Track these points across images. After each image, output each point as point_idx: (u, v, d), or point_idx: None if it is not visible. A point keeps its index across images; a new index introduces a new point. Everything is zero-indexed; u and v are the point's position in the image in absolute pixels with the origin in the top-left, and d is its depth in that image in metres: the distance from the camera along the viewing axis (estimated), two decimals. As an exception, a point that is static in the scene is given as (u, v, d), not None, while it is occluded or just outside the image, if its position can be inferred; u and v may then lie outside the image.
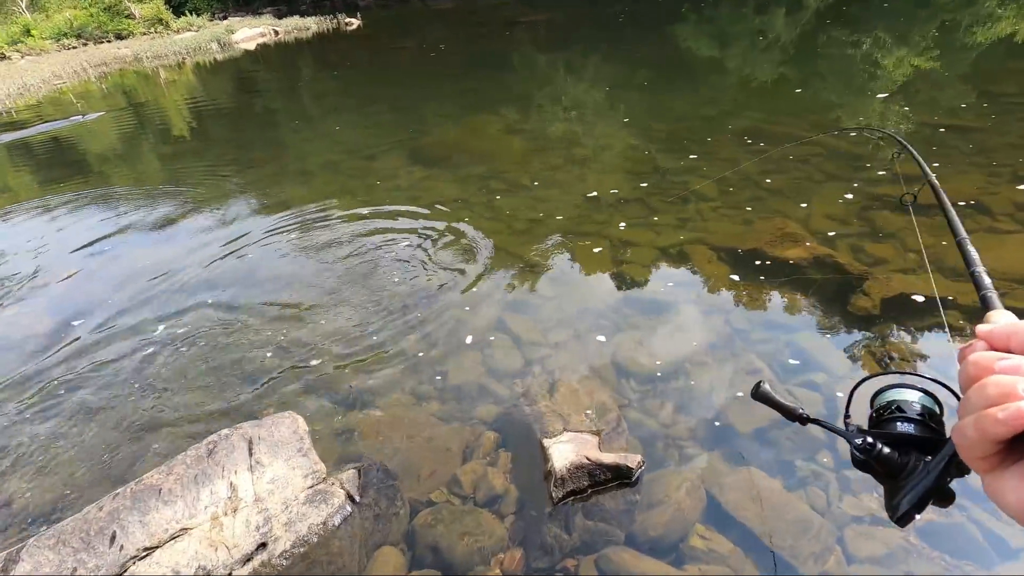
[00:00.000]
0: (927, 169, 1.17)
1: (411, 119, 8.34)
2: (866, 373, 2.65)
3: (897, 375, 0.65)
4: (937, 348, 2.75)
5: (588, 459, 2.02)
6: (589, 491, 2.06)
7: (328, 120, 9.34)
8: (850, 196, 4.10)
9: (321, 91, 12.21)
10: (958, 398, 0.52)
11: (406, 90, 10.43)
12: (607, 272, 3.76)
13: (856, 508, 2.08)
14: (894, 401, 0.61)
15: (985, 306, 0.65)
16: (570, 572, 1.93)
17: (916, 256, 3.35)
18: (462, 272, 3.89)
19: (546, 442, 2.21)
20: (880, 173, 4.36)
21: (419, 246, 4.34)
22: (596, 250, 4.00)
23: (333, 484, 2.04)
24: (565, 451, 2.08)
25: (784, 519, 2.04)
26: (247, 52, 20.34)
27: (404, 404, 2.82)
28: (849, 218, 3.84)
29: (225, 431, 2.07)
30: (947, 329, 2.83)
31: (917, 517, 0.54)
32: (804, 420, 0.67)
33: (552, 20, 17.41)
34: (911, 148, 1.38)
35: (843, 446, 2.31)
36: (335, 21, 22.88)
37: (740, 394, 2.60)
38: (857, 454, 0.58)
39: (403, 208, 5.05)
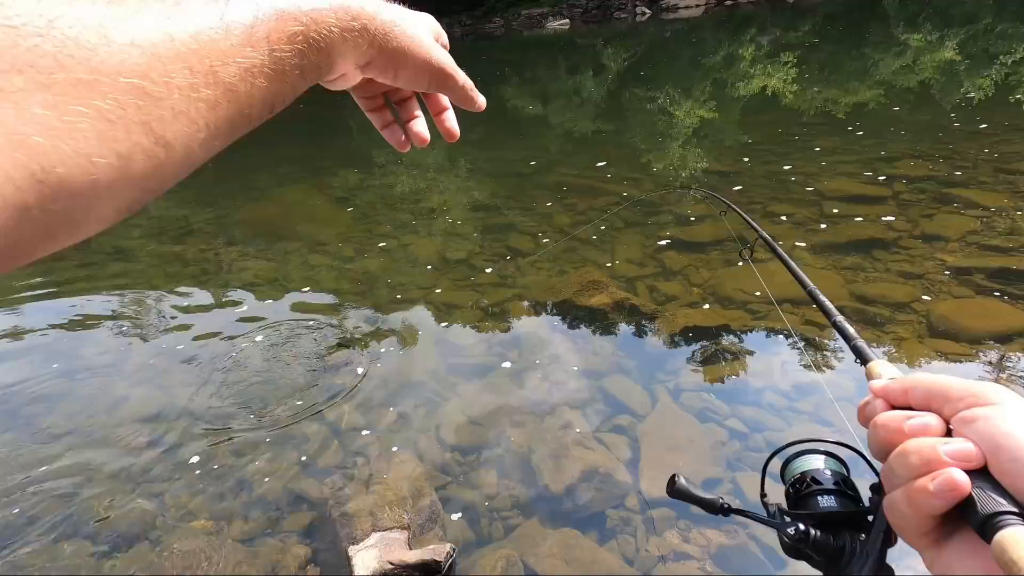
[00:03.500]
0: (757, 226, 1.24)
1: (229, 192, 7.81)
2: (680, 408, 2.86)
3: (799, 444, 0.60)
4: (726, 372, 3.07)
5: (391, 563, 1.89)
6: (397, 598, 1.92)
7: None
8: (645, 240, 4.55)
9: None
10: (862, 456, 0.49)
11: (221, 160, 9.79)
12: (432, 339, 3.72)
13: (661, 547, 2.18)
14: (807, 472, 0.56)
15: (861, 357, 0.62)
16: None
17: (700, 291, 3.77)
18: (274, 362, 3.60)
19: (351, 550, 2.03)
20: (667, 217, 4.92)
21: (228, 342, 3.95)
22: (421, 317, 3.95)
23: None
24: (368, 559, 1.93)
25: (596, 577, 2.07)
26: None
27: (199, 533, 2.45)
28: (645, 261, 4.25)
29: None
30: (731, 356, 3.19)
31: None
32: (727, 512, 0.59)
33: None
34: (736, 208, 1.49)
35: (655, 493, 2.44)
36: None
37: (557, 452, 2.66)
38: (790, 544, 0.53)
39: (206, 294, 4.61)
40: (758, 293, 3.55)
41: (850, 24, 17.07)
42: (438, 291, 4.24)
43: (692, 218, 4.77)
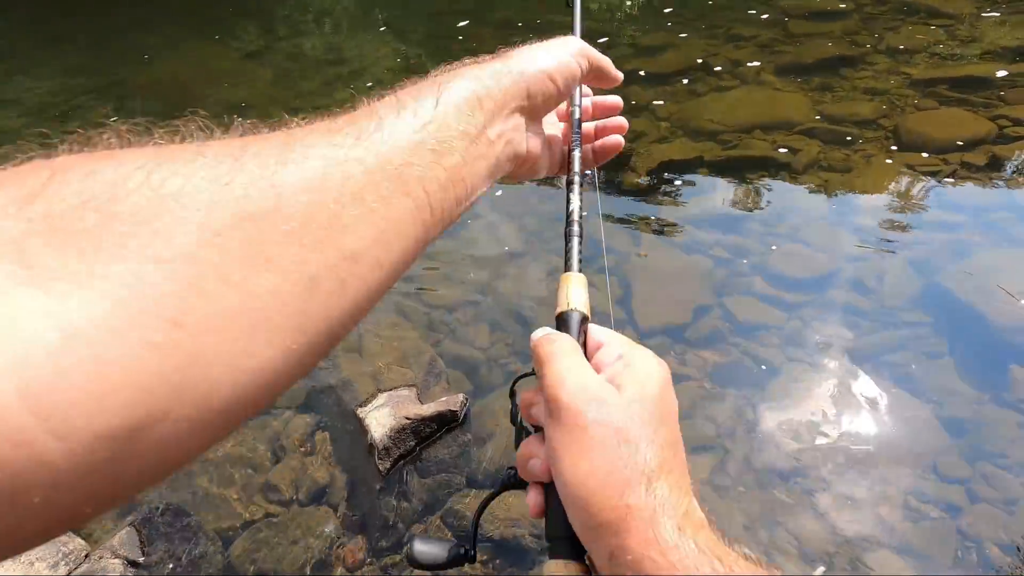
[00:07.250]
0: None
1: (114, 57, 6.59)
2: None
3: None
4: (704, 203, 3.04)
5: (408, 418, 1.86)
6: (418, 449, 1.93)
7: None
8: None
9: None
10: None
11: (98, 20, 8.15)
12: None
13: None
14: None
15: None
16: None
17: (668, 124, 3.61)
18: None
19: (361, 412, 1.99)
20: (626, 49, 4.56)
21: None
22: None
23: (101, 558, 1.61)
24: (382, 416, 1.90)
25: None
26: None
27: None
28: (608, 98, 3.98)
29: None
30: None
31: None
32: (472, 558, 0.49)
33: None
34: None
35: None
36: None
37: (543, 294, 2.64)
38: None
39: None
40: (726, 122, 3.44)
41: None
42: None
43: (654, 48, 4.44)
